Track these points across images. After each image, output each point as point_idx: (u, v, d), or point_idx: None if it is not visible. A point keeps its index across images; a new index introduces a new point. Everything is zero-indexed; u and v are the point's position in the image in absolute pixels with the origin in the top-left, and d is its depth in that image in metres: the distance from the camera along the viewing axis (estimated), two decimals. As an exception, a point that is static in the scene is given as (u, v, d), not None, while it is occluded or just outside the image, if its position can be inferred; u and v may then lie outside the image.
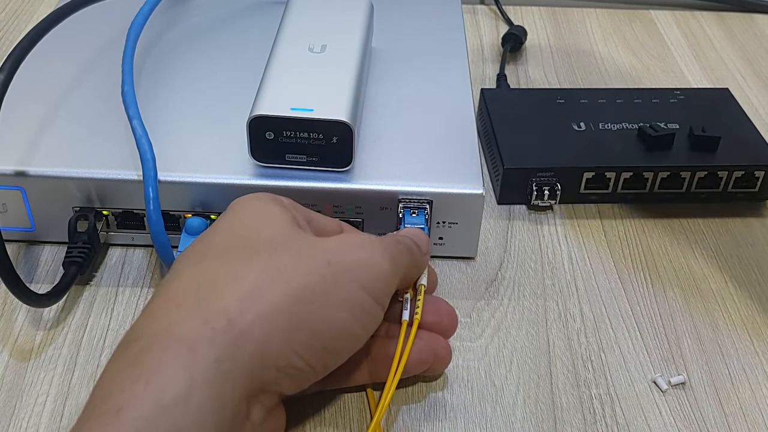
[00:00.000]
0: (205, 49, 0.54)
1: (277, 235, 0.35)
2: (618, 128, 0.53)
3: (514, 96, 0.57)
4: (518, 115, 0.54)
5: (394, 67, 0.53)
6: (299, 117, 0.42)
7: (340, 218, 0.46)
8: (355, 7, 0.52)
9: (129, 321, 0.43)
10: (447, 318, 0.40)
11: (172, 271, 0.34)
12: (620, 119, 0.54)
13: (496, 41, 0.68)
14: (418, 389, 0.41)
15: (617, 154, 0.51)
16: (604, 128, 0.53)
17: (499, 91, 0.59)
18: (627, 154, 0.51)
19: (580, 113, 0.54)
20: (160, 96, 0.50)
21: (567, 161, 0.51)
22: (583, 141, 0.52)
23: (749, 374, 0.42)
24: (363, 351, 0.37)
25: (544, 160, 0.51)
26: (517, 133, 0.53)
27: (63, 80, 0.51)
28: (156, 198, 0.42)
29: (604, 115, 0.54)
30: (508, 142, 0.52)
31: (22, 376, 0.41)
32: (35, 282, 0.45)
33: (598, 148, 0.51)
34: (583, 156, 0.51)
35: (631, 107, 0.55)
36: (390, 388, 0.36)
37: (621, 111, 0.55)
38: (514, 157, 0.51)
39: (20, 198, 0.45)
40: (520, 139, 0.52)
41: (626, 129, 0.53)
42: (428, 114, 0.49)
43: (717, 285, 0.47)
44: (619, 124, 0.53)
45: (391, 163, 0.46)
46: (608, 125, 0.53)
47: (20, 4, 0.70)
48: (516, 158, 0.51)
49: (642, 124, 0.53)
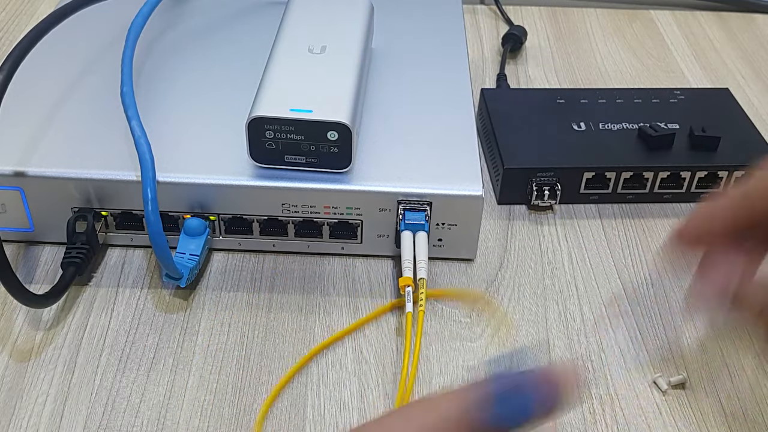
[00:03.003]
0: (204, 50, 0.54)
1: None
2: (618, 128, 0.53)
3: (514, 96, 0.57)
4: (518, 114, 0.54)
5: (394, 68, 0.53)
6: (298, 118, 0.42)
7: (339, 219, 0.46)
8: (355, 8, 0.52)
9: (129, 321, 0.43)
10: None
11: None
12: (620, 119, 0.54)
13: (496, 41, 0.68)
14: (417, 390, 0.41)
15: (617, 154, 0.51)
16: (605, 128, 0.53)
17: (499, 91, 0.59)
18: (627, 154, 0.51)
19: (580, 113, 0.54)
20: (160, 97, 0.50)
21: (567, 161, 0.51)
22: (583, 141, 0.52)
23: (749, 374, 0.42)
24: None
25: (544, 160, 0.51)
26: (517, 132, 0.53)
27: (62, 80, 0.51)
28: (154, 199, 0.42)
29: (604, 114, 0.54)
30: (508, 141, 0.52)
31: (21, 376, 0.41)
32: (34, 282, 0.45)
33: (598, 148, 0.51)
34: (583, 156, 0.51)
35: (631, 107, 0.55)
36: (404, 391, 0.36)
37: (621, 111, 0.55)
38: (514, 157, 0.51)
39: (19, 198, 0.45)
40: (520, 139, 0.52)
41: (626, 129, 0.53)
42: (428, 115, 0.49)
43: (717, 285, 0.47)
44: (620, 124, 0.53)
45: (390, 165, 0.46)
46: (608, 125, 0.53)
47: (20, 4, 0.70)
48: (516, 158, 0.51)
49: (642, 124, 0.53)
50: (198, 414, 0.39)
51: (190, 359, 0.42)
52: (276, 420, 0.39)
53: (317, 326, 0.44)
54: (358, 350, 0.42)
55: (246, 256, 0.48)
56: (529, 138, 0.52)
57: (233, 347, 0.42)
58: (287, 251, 0.48)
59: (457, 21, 0.59)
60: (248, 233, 0.47)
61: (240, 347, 0.42)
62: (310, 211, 0.45)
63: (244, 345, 0.43)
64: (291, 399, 0.40)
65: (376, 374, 0.41)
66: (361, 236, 0.47)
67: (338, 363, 0.42)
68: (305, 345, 0.43)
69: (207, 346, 0.42)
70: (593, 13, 0.73)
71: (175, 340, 0.43)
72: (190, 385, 0.41)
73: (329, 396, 0.40)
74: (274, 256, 0.48)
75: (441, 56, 0.55)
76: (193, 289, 0.45)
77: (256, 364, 0.42)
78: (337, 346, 0.43)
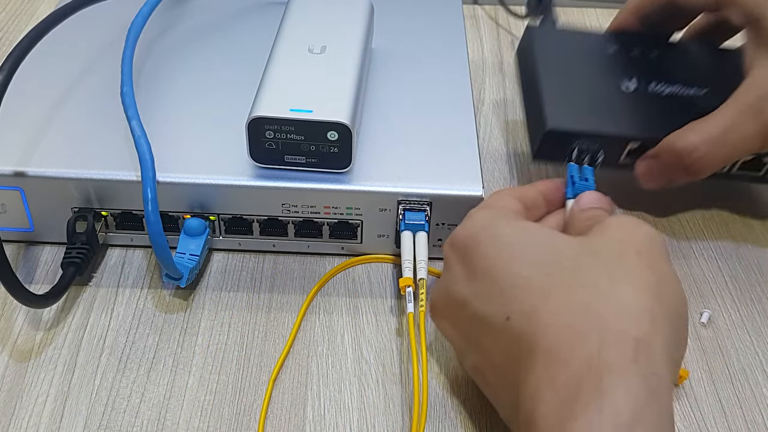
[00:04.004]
0: (204, 50, 0.54)
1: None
2: (670, 92, 0.48)
3: (563, 39, 0.51)
4: (565, 62, 0.50)
5: (394, 68, 0.53)
6: (298, 118, 0.42)
7: (339, 219, 0.46)
8: (355, 8, 0.52)
9: (129, 321, 0.43)
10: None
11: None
12: (674, 79, 0.49)
13: (495, 41, 0.68)
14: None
15: (666, 124, 0.46)
16: (655, 90, 0.48)
17: (547, 30, 0.53)
18: (674, 126, 0.46)
19: (632, 67, 0.49)
20: (160, 96, 0.50)
21: (613, 128, 0.46)
22: (631, 104, 0.48)
23: (749, 374, 0.42)
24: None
25: (590, 124, 0.46)
26: (562, 85, 0.48)
27: (62, 80, 0.51)
28: (154, 199, 0.42)
29: (658, 72, 0.49)
30: (553, 95, 0.47)
31: (21, 376, 0.41)
32: (35, 282, 0.45)
33: (646, 115, 0.47)
34: (630, 123, 0.47)
35: (688, 66, 0.50)
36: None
37: (677, 69, 0.50)
38: (559, 117, 0.46)
39: (19, 198, 0.45)
40: (565, 93, 0.47)
41: (679, 95, 0.48)
42: (428, 115, 0.49)
43: (717, 285, 0.47)
44: (673, 86, 0.49)
45: (390, 165, 0.46)
46: (660, 86, 0.49)
47: (20, 4, 0.70)
48: (561, 118, 0.46)
49: (697, 89, 0.48)
50: (198, 414, 0.39)
51: (190, 359, 0.42)
52: (276, 420, 0.39)
53: (317, 326, 0.44)
54: (358, 350, 0.42)
55: (246, 256, 0.48)
56: (575, 93, 0.48)
57: (233, 347, 0.42)
58: (287, 251, 0.48)
59: (458, 21, 0.58)
60: (248, 233, 0.47)
61: (240, 347, 0.42)
62: (310, 211, 0.45)
63: (244, 345, 0.43)
64: (291, 399, 0.40)
65: (376, 374, 0.41)
66: (361, 236, 0.47)
67: (338, 363, 0.42)
68: (305, 345, 0.43)
69: (207, 346, 0.42)
70: (593, 13, 0.73)
71: (175, 340, 0.43)
72: (190, 385, 0.41)
73: (329, 396, 0.40)
74: (274, 256, 0.48)
75: (441, 56, 0.55)
76: (193, 289, 0.45)
77: (256, 364, 0.42)
78: (337, 346, 0.43)
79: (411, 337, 0.40)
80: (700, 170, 0.45)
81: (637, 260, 0.35)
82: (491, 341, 0.36)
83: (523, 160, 0.55)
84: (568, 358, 0.32)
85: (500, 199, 0.41)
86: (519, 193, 0.42)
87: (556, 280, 0.34)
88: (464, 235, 0.38)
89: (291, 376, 0.41)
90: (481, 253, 0.37)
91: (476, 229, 0.38)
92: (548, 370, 0.32)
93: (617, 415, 0.30)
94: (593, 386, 0.30)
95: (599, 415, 0.30)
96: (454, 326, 0.38)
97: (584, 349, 0.32)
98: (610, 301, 0.33)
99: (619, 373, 0.31)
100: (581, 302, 0.33)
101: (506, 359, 0.35)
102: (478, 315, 0.36)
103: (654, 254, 0.35)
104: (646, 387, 0.31)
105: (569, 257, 0.35)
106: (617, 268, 0.34)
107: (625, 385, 0.30)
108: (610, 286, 0.33)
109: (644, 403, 0.30)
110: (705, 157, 0.44)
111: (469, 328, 0.37)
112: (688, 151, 0.44)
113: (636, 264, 0.34)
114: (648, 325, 0.32)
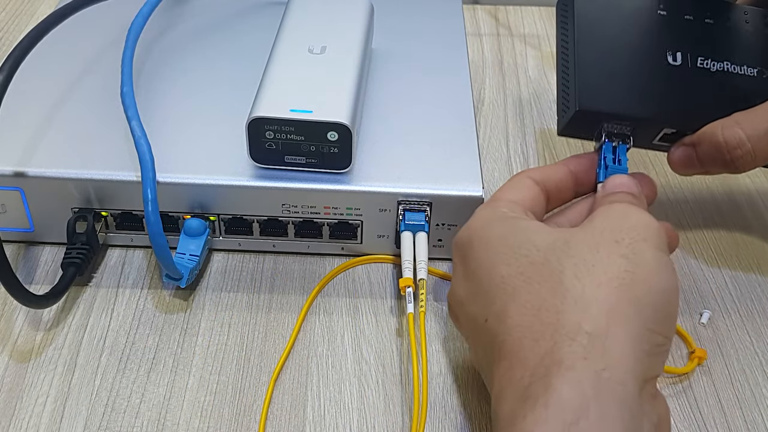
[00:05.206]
0: (204, 50, 0.54)
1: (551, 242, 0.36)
2: (720, 69, 0.44)
3: (608, 1, 0.46)
4: (608, 22, 0.45)
5: (394, 68, 0.53)
6: (298, 119, 0.42)
7: (339, 220, 0.46)
8: (355, 8, 0.52)
9: (129, 321, 0.43)
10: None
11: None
12: (728, 54, 0.44)
13: (495, 41, 0.68)
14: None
15: (710, 109, 0.42)
16: (702, 66, 0.44)
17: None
18: (717, 114, 0.42)
19: (682, 35, 0.45)
20: (160, 97, 0.50)
21: (649, 111, 0.43)
22: (674, 81, 0.43)
23: (749, 374, 0.42)
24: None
25: (625, 104, 0.42)
26: (600, 55, 0.44)
27: (62, 81, 0.51)
28: (155, 199, 0.42)
29: (710, 43, 0.45)
30: (588, 65, 0.43)
31: (22, 376, 0.41)
32: (35, 283, 0.45)
33: (689, 96, 0.43)
34: (669, 106, 0.43)
35: (746, 40, 0.46)
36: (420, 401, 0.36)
37: (733, 42, 0.45)
38: (591, 95, 0.42)
39: (19, 199, 0.45)
40: (602, 62, 0.43)
41: (730, 73, 0.44)
42: (428, 115, 0.49)
43: (717, 285, 0.47)
44: (720, 63, 0.44)
45: (390, 165, 0.46)
46: (708, 62, 0.44)
47: (20, 4, 0.70)
48: (593, 97, 0.42)
49: (752, 68, 0.44)
50: (198, 414, 0.39)
51: (190, 360, 0.42)
52: (276, 420, 0.39)
53: (317, 327, 0.44)
54: (358, 350, 0.42)
55: (246, 256, 0.48)
56: (613, 62, 0.43)
57: (233, 348, 0.42)
58: (287, 251, 0.48)
59: (458, 21, 0.58)
60: (248, 233, 0.47)
61: (240, 348, 0.42)
62: (310, 211, 0.45)
63: (244, 345, 0.43)
64: (291, 399, 0.40)
65: (376, 374, 0.41)
66: (361, 236, 0.47)
67: (338, 363, 0.42)
68: (305, 345, 0.43)
69: (207, 346, 0.42)
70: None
71: (175, 341, 0.43)
72: (190, 385, 0.41)
73: (329, 396, 0.40)
74: (274, 257, 0.48)
75: (441, 56, 0.55)
76: (193, 290, 0.45)
77: (256, 364, 0.42)
78: (337, 347, 0.43)
79: (411, 337, 0.41)
80: (742, 167, 0.41)
81: (613, 249, 0.34)
82: (476, 342, 0.36)
83: (524, 160, 0.55)
84: (527, 356, 0.32)
85: (512, 188, 0.40)
86: (543, 175, 0.41)
87: (525, 278, 0.34)
88: (463, 235, 0.38)
89: (291, 377, 0.41)
90: (473, 255, 0.37)
91: (472, 230, 0.38)
92: (510, 370, 0.32)
93: (563, 411, 0.29)
94: (543, 383, 0.30)
95: (545, 410, 0.30)
96: (460, 324, 0.39)
97: (541, 347, 0.32)
98: (567, 296, 0.32)
99: (566, 368, 0.30)
100: (541, 299, 0.33)
101: (486, 360, 0.35)
102: (469, 315, 0.37)
103: (637, 242, 0.34)
104: (596, 381, 0.30)
105: (541, 253, 0.35)
106: (585, 261, 0.33)
107: (573, 381, 0.30)
108: (572, 280, 0.33)
109: (592, 397, 0.30)
110: (750, 154, 0.40)
111: (467, 327, 0.38)
112: (732, 146, 0.40)
113: (608, 254, 0.33)
114: (604, 318, 0.32)
